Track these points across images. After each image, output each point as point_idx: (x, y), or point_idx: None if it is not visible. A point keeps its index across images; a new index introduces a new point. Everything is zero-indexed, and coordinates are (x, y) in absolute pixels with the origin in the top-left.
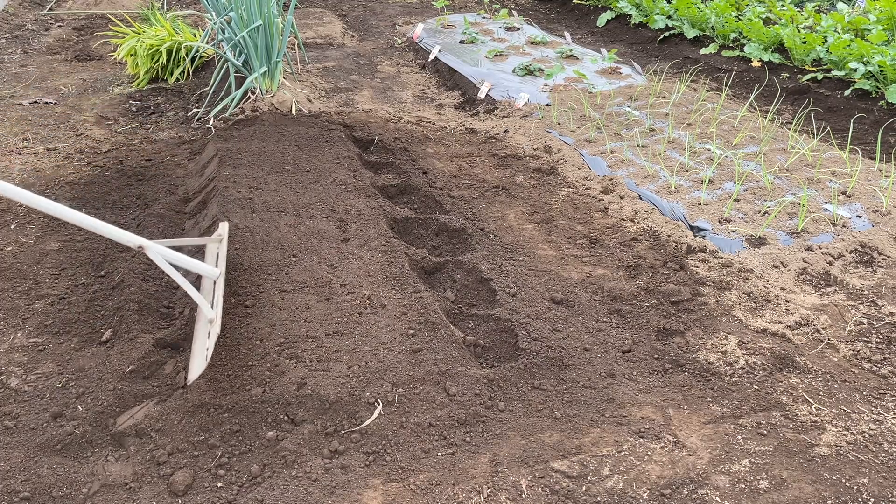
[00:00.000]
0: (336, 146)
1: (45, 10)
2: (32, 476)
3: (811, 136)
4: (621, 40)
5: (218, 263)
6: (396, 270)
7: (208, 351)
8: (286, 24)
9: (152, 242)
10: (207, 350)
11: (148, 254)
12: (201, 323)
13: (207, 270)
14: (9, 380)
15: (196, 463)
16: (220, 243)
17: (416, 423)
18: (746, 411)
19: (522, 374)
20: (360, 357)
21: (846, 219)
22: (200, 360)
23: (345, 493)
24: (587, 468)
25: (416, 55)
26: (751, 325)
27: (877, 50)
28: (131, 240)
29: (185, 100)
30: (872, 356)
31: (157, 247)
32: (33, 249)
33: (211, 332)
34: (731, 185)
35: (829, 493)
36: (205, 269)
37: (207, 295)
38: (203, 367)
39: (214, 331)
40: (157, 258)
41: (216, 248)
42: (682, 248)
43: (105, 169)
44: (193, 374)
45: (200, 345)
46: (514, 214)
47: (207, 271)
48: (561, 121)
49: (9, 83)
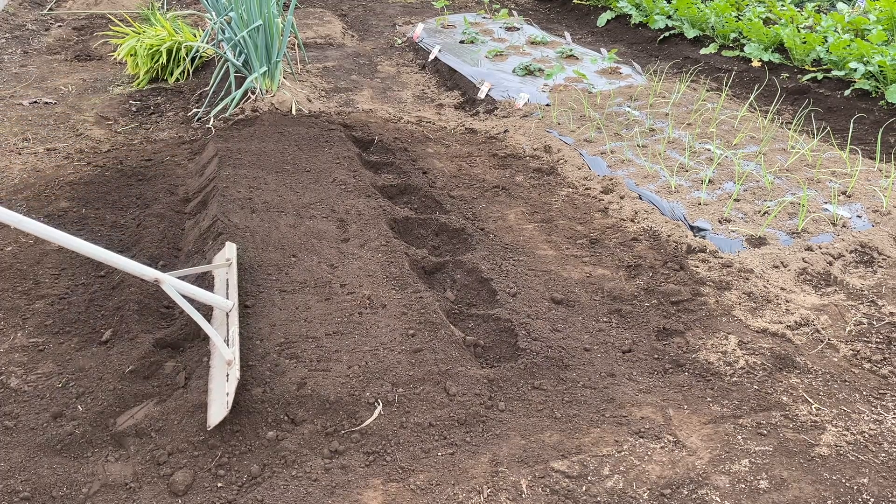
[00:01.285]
0: (336, 146)
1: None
2: (32, 476)
3: (811, 136)
4: (621, 40)
5: (229, 293)
6: (396, 270)
7: (229, 396)
8: (286, 24)
9: (167, 276)
10: (228, 395)
11: (163, 287)
12: (217, 359)
13: (220, 303)
14: (9, 380)
15: (196, 463)
16: (229, 268)
17: (416, 423)
18: (746, 411)
19: (522, 374)
20: (360, 357)
21: (846, 219)
22: (220, 405)
23: (345, 493)
24: (587, 468)
25: (416, 55)
26: (751, 325)
27: (877, 50)
28: (148, 273)
29: (185, 100)
30: (872, 356)
31: (171, 280)
32: (33, 249)
33: (230, 376)
34: (731, 185)
35: (829, 493)
36: (218, 302)
37: (220, 327)
38: (224, 413)
39: (234, 375)
40: (171, 292)
41: (225, 274)
42: (682, 248)
43: (105, 169)
44: (214, 419)
45: (218, 387)
46: (514, 214)
47: (220, 304)
48: (561, 121)
49: (9, 83)
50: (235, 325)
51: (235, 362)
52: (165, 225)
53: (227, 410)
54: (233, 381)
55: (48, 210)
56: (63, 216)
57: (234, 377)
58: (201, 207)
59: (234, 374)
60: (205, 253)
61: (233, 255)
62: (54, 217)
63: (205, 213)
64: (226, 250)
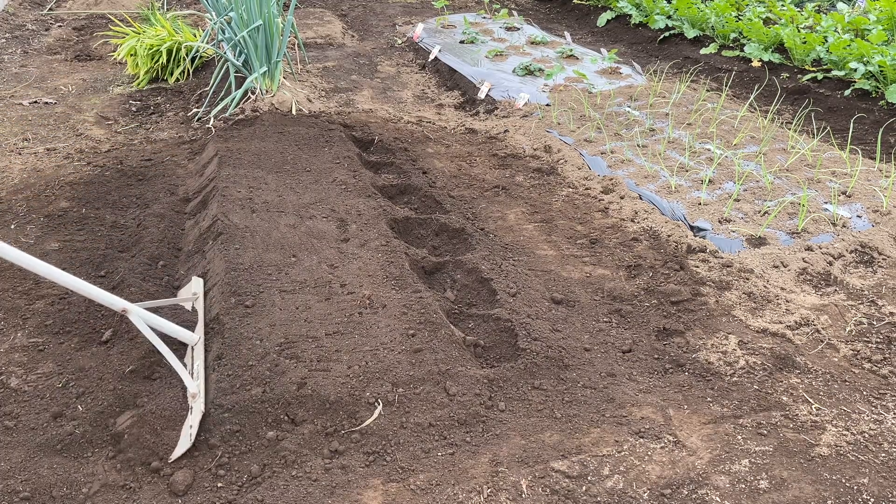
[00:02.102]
0: (336, 146)
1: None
2: (32, 476)
3: (811, 136)
4: (621, 40)
5: (195, 327)
6: (396, 270)
7: (192, 429)
8: (286, 24)
9: (135, 306)
10: (191, 428)
11: (130, 318)
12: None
13: (186, 336)
14: (9, 380)
15: (196, 463)
16: (196, 301)
17: (416, 423)
18: (746, 411)
19: (522, 374)
20: (360, 357)
21: (846, 219)
22: (185, 439)
23: (345, 493)
24: (587, 468)
25: (416, 55)
26: (751, 325)
27: (877, 50)
28: (115, 303)
29: (185, 100)
30: (872, 356)
31: (139, 311)
32: (33, 249)
33: (193, 409)
34: (731, 184)
35: (829, 493)
36: (184, 335)
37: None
38: (187, 446)
39: (198, 407)
40: (138, 323)
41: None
42: (682, 248)
43: (105, 169)
44: (177, 451)
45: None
46: (514, 214)
47: (186, 337)
48: (561, 121)
49: (9, 83)
50: (200, 359)
51: (200, 395)
52: (165, 225)
53: (190, 443)
54: (196, 413)
55: (48, 210)
56: (63, 216)
57: (198, 409)
58: (201, 207)
59: (198, 406)
60: (204, 253)
61: (199, 289)
62: (54, 217)
63: (205, 213)
64: (192, 284)
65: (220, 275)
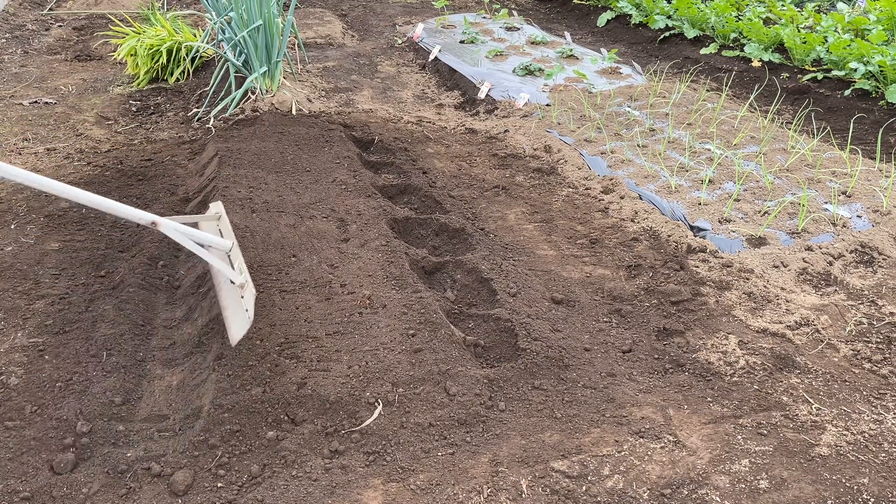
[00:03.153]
0: (336, 146)
1: (45, 10)
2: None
3: (811, 136)
4: (621, 40)
5: (225, 236)
6: (396, 270)
7: (249, 312)
8: (286, 24)
9: (165, 219)
10: (248, 311)
11: (161, 229)
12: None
13: (219, 242)
14: (9, 380)
15: (196, 463)
16: (219, 220)
17: (416, 423)
18: (746, 411)
19: (522, 374)
20: (360, 357)
21: (846, 219)
22: (242, 321)
23: (345, 493)
24: (587, 468)
25: (417, 55)
26: (751, 325)
27: (877, 50)
28: (145, 217)
29: (185, 100)
30: (872, 356)
31: (169, 222)
32: (33, 249)
33: (245, 295)
34: (731, 185)
35: (829, 493)
36: (217, 242)
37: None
38: (248, 326)
39: (249, 291)
40: (170, 232)
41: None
42: (682, 248)
43: (105, 169)
44: (238, 333)
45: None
46: (514, 214)
47: (219, 243)
48: (561, 121)
49: (9, 83)
50: (240, 258)
51: (249, 284)
52: None
53: (250, 322)
54: (249, 296)
55: (48, 210)
56: (63, 216)
57: (249, 293)
58: (201, 207)
59: (249, 291)
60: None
61: (221, 209)
62: (54, 217)
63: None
64: (214, 206)
65: None
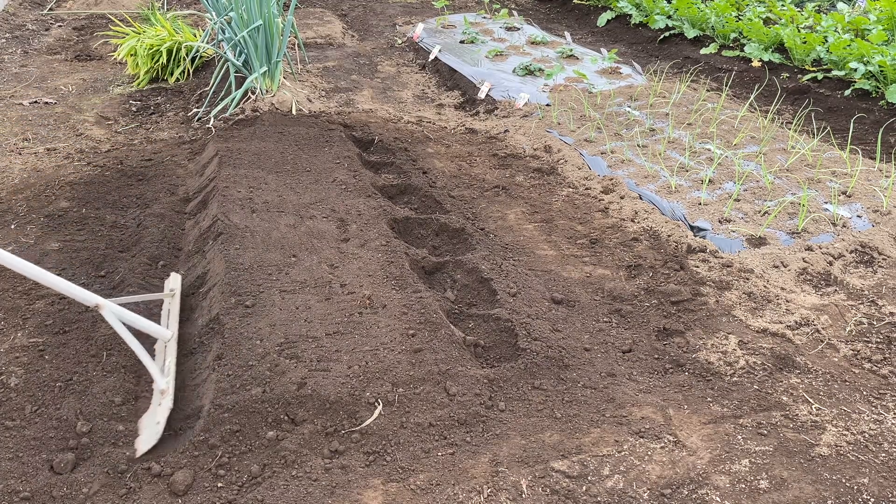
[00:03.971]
0: (336, 146)
1: (45, 10)
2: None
3: (811, 136)
4: (621, 40)
5: (170, 323)
6: (396, 270)
7: (159, 425)
8: (286, 24)
9: (108, 302)
10: (158, 424)
11: (102, 313)
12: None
13: (159, 332)
14: (9, 380)
15: (196, 463)
16: (172, 298)
17: (416, 423)
18: (747, 411)
19: (522, 374)
20: (360, 357)
21: (846, 219)
22: (151, 433)
23: (345, 493)
24: (587, 468)
25: (417, 55)
26: (751, 325)
27: (877, 50)
28: (88, 298)
29: (185, 100)
30: (872, 356)
31: (112, 306)
32: (33, 249)
33: (162, 404)
34: (732, 185)
35: (829, 493)
36: (157, 331)
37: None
38: (153, 441)
39: (166, 404)
40: (111, 319)
41: (168, 304)
42: (682, 248)
43: (105, 169)
44: (144, 446)
45: (148, 415)
46: (514, 214)
47: (159, 333)
48: (561, 121)
49: (9, 83)
50: (172, 357)
51: (169, 392)
52: (165, 225)
53: (157, 439)
54: (164, 409)
55: (48, 210)
56: (63, 216)
57: (166, 406)
58: (201, 207)
59: (166, 402)
60: (204, 253)
61: (177, 285)
62: (54, 217)
63: (205, 212)
64: (170, 280)
65: (220, 275)
